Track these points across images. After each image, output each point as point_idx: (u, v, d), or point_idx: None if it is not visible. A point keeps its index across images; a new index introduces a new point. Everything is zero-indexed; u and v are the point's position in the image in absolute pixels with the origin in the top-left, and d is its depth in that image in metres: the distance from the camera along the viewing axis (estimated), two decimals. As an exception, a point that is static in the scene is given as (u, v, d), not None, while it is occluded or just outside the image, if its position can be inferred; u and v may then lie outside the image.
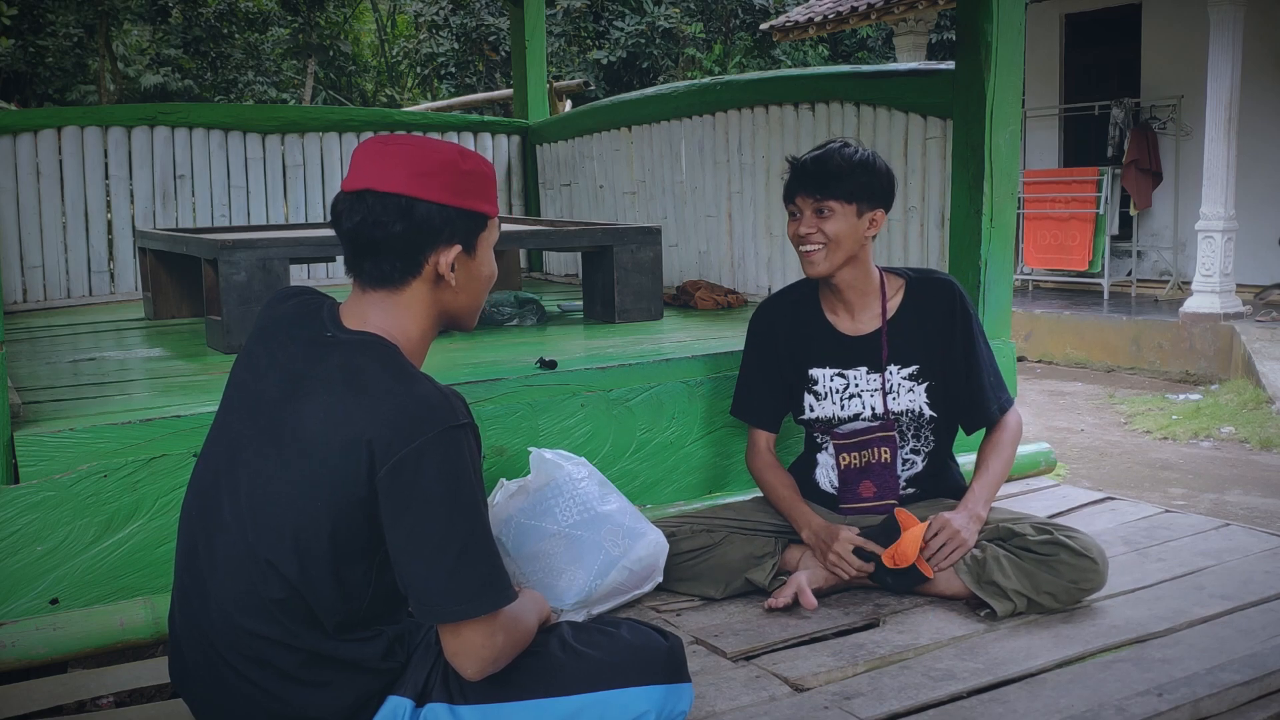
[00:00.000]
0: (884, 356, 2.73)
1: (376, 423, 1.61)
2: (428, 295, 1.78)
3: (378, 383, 1.66)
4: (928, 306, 2.75)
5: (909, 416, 2.74)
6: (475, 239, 1.79)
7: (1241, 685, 2.12)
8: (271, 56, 19.98)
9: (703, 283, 4.57)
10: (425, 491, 1.61)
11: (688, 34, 17.47)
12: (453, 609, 1.63)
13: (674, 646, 1.86)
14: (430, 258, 1.75)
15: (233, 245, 3.37)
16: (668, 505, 3.04)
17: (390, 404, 1.63)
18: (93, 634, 2.33)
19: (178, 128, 5.29)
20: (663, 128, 5.18)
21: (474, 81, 18.42)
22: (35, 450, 2.35)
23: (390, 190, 1.71)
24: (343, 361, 1.70)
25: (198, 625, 1.74)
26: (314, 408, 1.67)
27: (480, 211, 1.79)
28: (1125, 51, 11.36)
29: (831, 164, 2.63)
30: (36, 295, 4.99)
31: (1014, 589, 2.48)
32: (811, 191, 2.64)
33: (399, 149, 1.74)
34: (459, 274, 1.78)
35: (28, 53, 17.56)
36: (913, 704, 2.06)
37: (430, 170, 1.73)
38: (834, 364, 2.77)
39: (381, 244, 1.73)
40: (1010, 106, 3.48)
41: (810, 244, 2.65)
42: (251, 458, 1.71)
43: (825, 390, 2.77)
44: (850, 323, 2.77)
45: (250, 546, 1.68)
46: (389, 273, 1.75)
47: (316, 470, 1.64)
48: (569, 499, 2.50)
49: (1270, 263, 10.28)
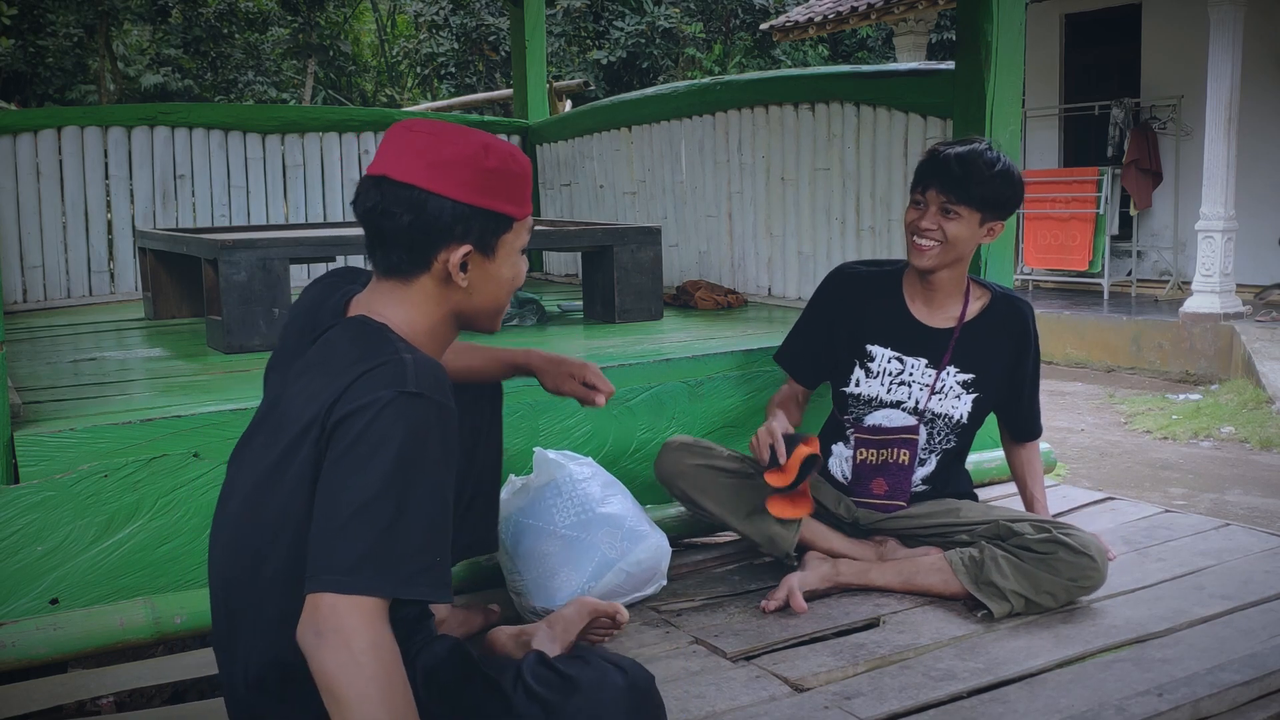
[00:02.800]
0: (948, 356, 2.75)
1: (335, 390, 1.54)
2: (436, 293, 1.69)
3: (343, 356, 1.60)
4: (1007, 323, 2.78)
5: (944, 420, 2.77)
6: (493, 240, 1.69)
7: (1241, 685, 2.12)
8: (271, 56, 19.97)
9: (703, 283, 4.57)
10: (354, 453, 1.48)
11: (688, 34, 17.47)
12: (320, 569, 1.44)
13: (634, 682, 1.73)
14: (439, 255, 1.66)
15: (233, 245, 3.37)
16: (668, 505, 3.03)
17: (348, 372, 1.55)
18: (93, 634, 2.33)
19: (178, 128, 5.29)
20: (663, 128, 5.18)
21: (474, 81, 18.42)
22: (35, 450, 2.35)
23: (405, 180, 1.64)
24: (326, 339, 1.67)
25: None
26: (296, 389, 1.64)
27: (501, 212, 1.68)
28: (1125, 51, 11.36)
29: (974, 169, 2.61)
30: (37, 295, 4.99)
31: (1012, 589, 2.48)
32: (946, 189, 2.63)
33: (421, 137, 1.67)
34: (472, 275, 1.69)
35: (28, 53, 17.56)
36: (913, 704, 2.06)
37: (448, 163, 1.64)
38: (897, 346, 2.78)
39: (390, 234, 1.66)
40: (1010, 106, 3.48)
41: (928, 238, 2.66)
42: (257, 442, 1.69)
43: (879, 369, 2.79)
44: (927, 314, 2.78)
45: (241, 533, 1.65)
46: (397, 264, 1.68)
47: (290, 450, 1.58)
48: (567, 499, 2.50)
49: (1270, 263, 10.28)
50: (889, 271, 2.85)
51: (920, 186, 2.67)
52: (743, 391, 3.21)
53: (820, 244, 4.35)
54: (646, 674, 1.78)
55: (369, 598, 1.43)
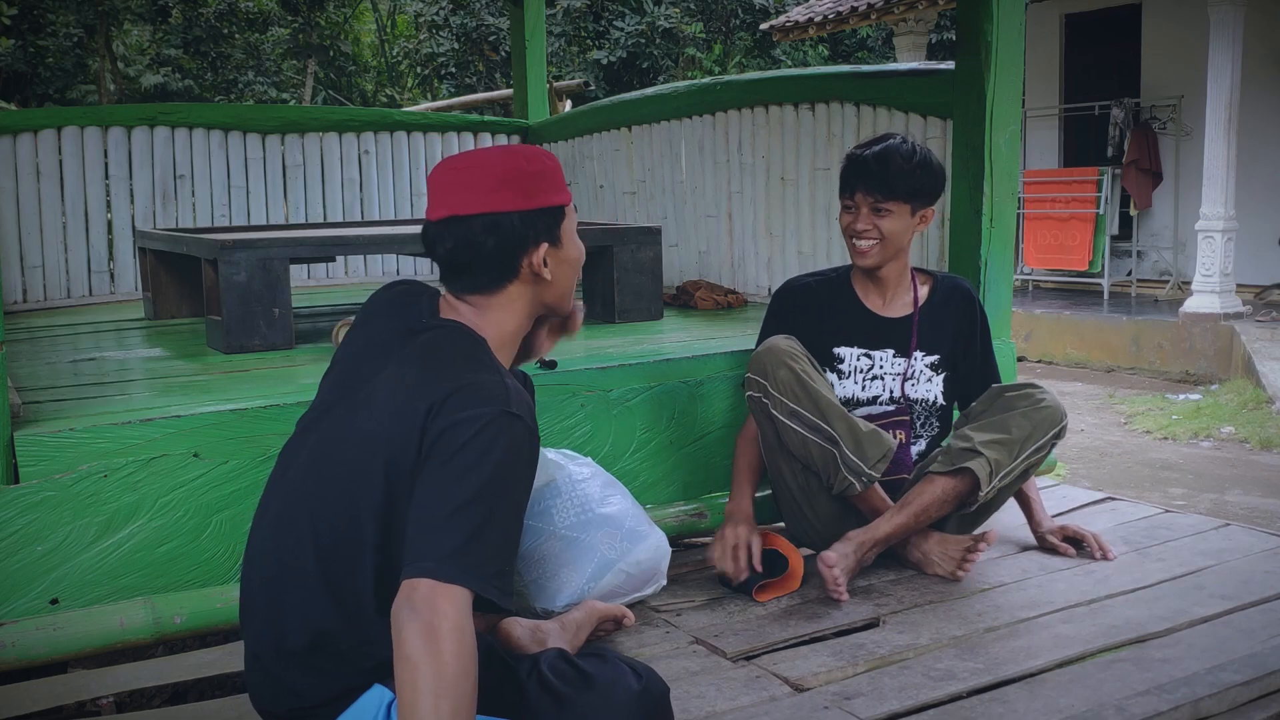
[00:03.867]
0: (914, 340, 2.87)
1: (437, 392, 1.67)
2: (526, 292, 1.89)
3: (449, 361, 1.74)
4: (953, 302, 2.93)
5: (923, 405, 2.89)
6: (558, 230, 1.89)
7: (1241, 685, 2.12)
8: (271, 56, 19.98)
9: (703, 282, 4.57)
10: (459, 459, 1.62)
11: (688, 34, 17.47)
12: (417, 558, 1.57)
13: (649, 687, 1.80)
14: (524, 261, 1.86)
15: (233, 245, 3.37)
16: (668, 505, 3.04)
17: (453, 379, 1.69)
18: (93, 634, 2.33)
19: (178, 128, 5.29)
20: (663, 128, 5.18)
21: (474, 81, 18.41)
22: (35, 450, 2.34)
23: (473, 212, 1.83)
24: (426, 341, 1.80)
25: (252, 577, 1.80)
26: (388, 378, 1.76)
27: (556, 205, 1.89)
28: (1125, 51, 11.36)
29: (893, 165, 2.72)
30: (36, 295, 4.99)
31: (983, 441, 2.63)
32: (872, 190, 2.74)
33: (468, 172, 1.85)
34: (552, 267, 1.89)
35: (28, 53, 17.56)
36: (913, 704, 2.06)
37: (502, 183, 1.83)
38: (862, 344, 2.88)
39: (478, 261, 1.84)
40: (1010, 106, 3.47)
41: (865, 239, 2.78)
42: (326, 424, 1.81)
43: (850, 369, 2.88)
44: (882, 305, 2.90)
45: (303, 498, 1.76)
46: (486, 282, 1.86)
47: (375, 431, 1.71)
48: (567, 500, 2.50)
49: (1270, 262, 10.28)
50: (834, 277, 2.97)
51: (848, 191, 2.79)
52: (742, 391, 3.20)
53: (820, 244, 4.35)
54: (662, 683, 1.84)
55: (458, 587, 1.55)
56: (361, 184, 5.72)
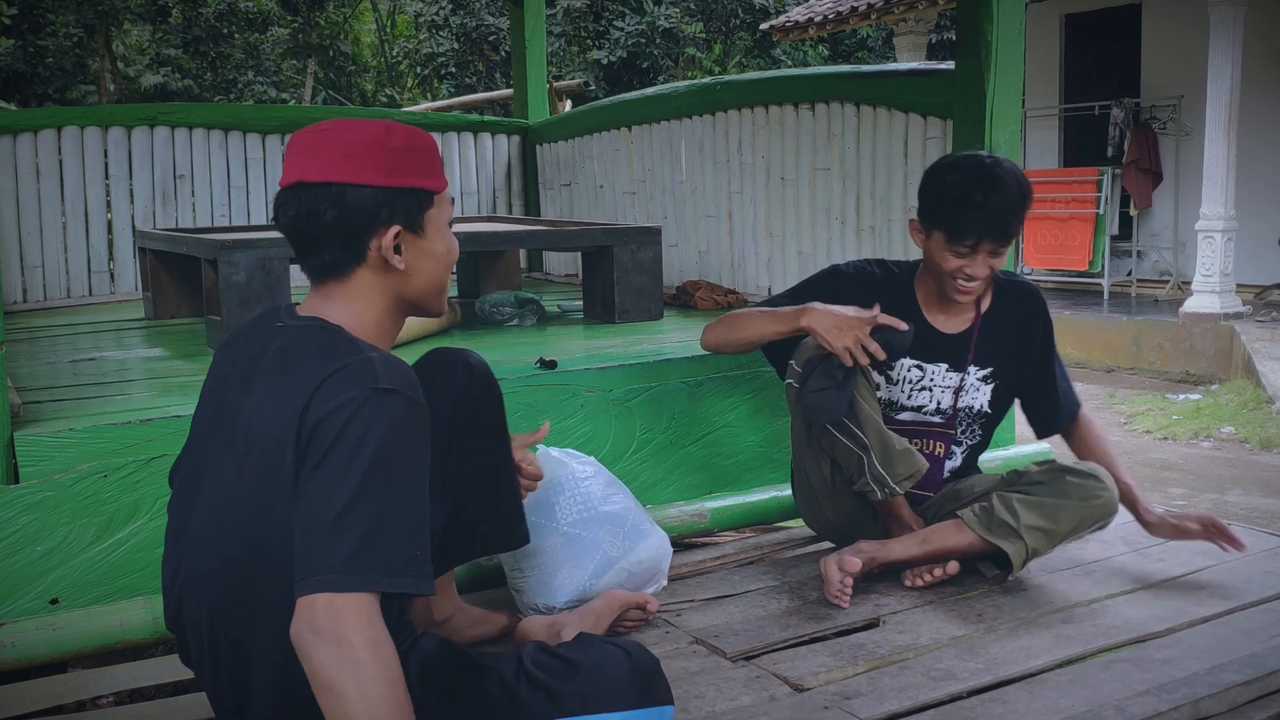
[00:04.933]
0: (970, 357, 2.75)
1: (302, 393, 1.54)
2: (377, 282, 1.71)
3: (306, 358, 1.60)
4: (1016, 310, 2.78)
5: (967, 412, 2.78)
6: (419, 217, 1.71)
7: (1241, 685, 2.12)
8: (271, 56, 19.97)
9: (703, 283, 4.57)
10: (335, 454, 1.49)
11: (688, 34, 17.47)
12: (311, 569, 1.44)
13: (638, 663, 1.75)
14: (371, 242, 1.68)
15: (232, 245, 3.37)
16: (668, 505, 3.04)
17: (316, 374, 1.56)
18: (92, 634, 2.33)
19: (178, 128, 5.29)
20: (663, 128, 5.18)
21: (474, 81, 18.42)
22: (35, 450, 2.35)
23: (320, 179, 1.66)
24: (281, 347, 1.65)
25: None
26: (255, 399, 1.62)
27: (420, 188, 1.71)
28: (1125, 51, 11.36)
29: (1012, 212, 2.57)
30: (36, 295, 4.99)
31: (1026, 525, 2.48)
32: (999, 240, 2.59)
33: (324, 135, 1.69)
34: (407, 255, 1.70)
35: (27, 53, 17.56)
36: (912, 704, 2.06)
37: (357, 152, 1.66)
38: (916, 355, 2.74)
39: (319, 235, 1.67)
40: (1010, 106, 3.48)
41: (976, 282, 2.63)
42: (215, 475, 1.66)
43: (899, 378, 2.76)
44: (944, 320, 2.76)
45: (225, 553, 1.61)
46: (332, 263, 1.69)
47: (267, 460, 1.56)
48: (570, 497, 2.50)
49: (1270, 263, 10.28)
50: (899, 275, 2.80)
51: (969, 241, 2.58)
52: (742, 391, 3.21)
53: (820, 244, 4.35)
54: (650, 656, 1.79)
55: (363, 594, 1.44)
56: (361, 184, 5.70)
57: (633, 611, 2.41)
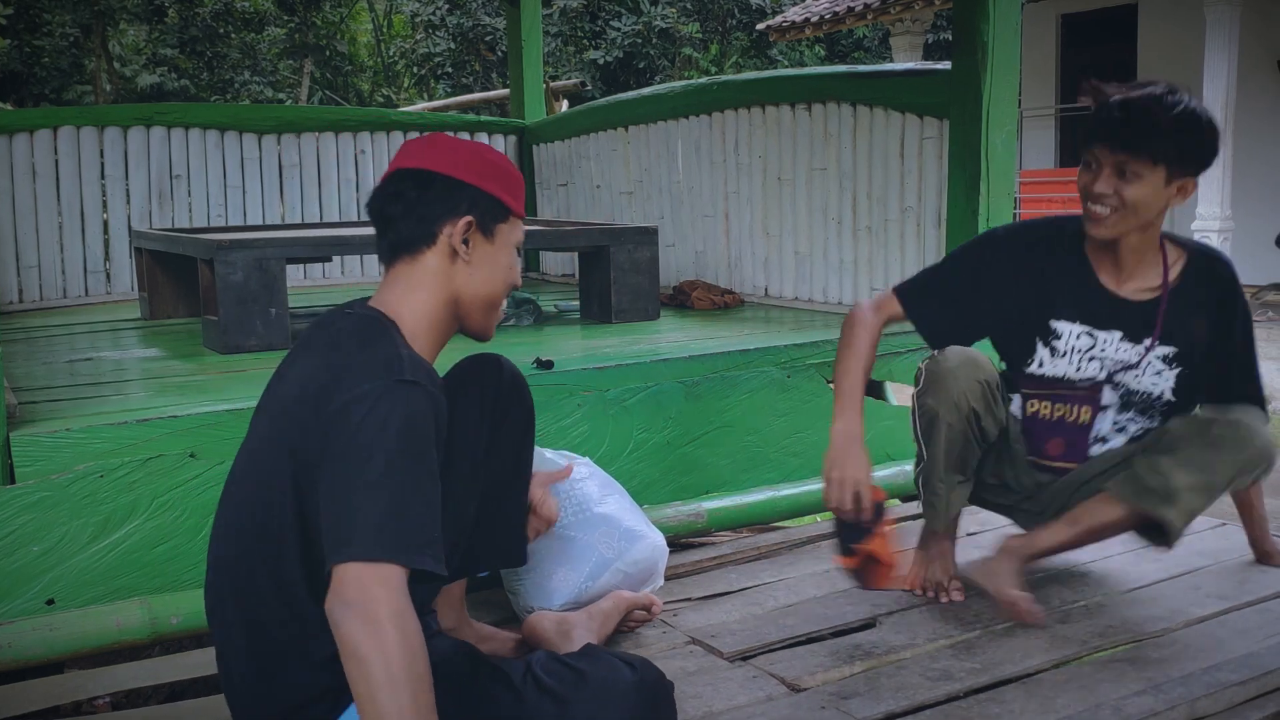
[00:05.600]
0: (1156, 332, 2.41)
1: (330, 374, 1.65)
2: (442, 269, 1.81)
3: (345, 342, 1.71)
4: (1209, 282, 2.44)
5: (1143, 398, 2.46)
6: (493, 224, 1.84)
7: (1238, 685, 2.12)
8: (268, 56, 19.97)
9: (699, 283, 4.57)
10: (359, 439, 1.57)
11: (684, 34, 17.47)
12: (337, 545, 1.53)
13: (644, 677, 1.79)
14: (444, 227, 1.79)
15: (229, 245, 3.37)
16: (665, 505, 3.03)
17: (345, 358, 1.66)
18: (89, 634, 2.32)
19: (174, 128, 5.28)
20: (659, 128, 5.18)
21: (470, 81, 18.41)
22: (31, 450, 2.34)
23: (414, 166, 1.82)
24: (333, 330, 1.76)
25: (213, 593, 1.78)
26: (295, 372, 1.74)
27: (499, 197, 1.83)
28: (1121, 51, 11.37)
29: (1150, 117, 2.25)
30: (33, 295, 4.98)
31: (1180, 486, 2.26)
32: (1118, 147, 2.26)
33: (432, 138, 1.86)
34: (474, 252, 1.81)
35: (23, 53, 17.55)
36: (909, 704, 2.06)
37: (453, 151, 1.83)
38: (1087, 320, 2.44)
39: (399, 213, 1.80)
40: (1006, 106, 3.48)
41: (1101, 204, 2.30)
42: (252, 429, 1.80)
43: (1067, 348, 2.46)
44: (1122, 284, 2.44)
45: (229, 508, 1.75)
46: (405, 240, 1.80)
47: (281, 425, 1.68)
48: (565, 499, 2.50)
49: (1267, 263, 10.28)
50: (1069, 230, 2.47)
51: (1089, 143, 2.31)
52: (740, 391, 3.21)
53: (817, 244, 4.35)
54: (656, 671, 1.83)
55: (388, 565, 1.51)
56: (358, 184, 5.71)
57: (638, 612, 2.44)
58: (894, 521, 2.45)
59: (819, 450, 3.32)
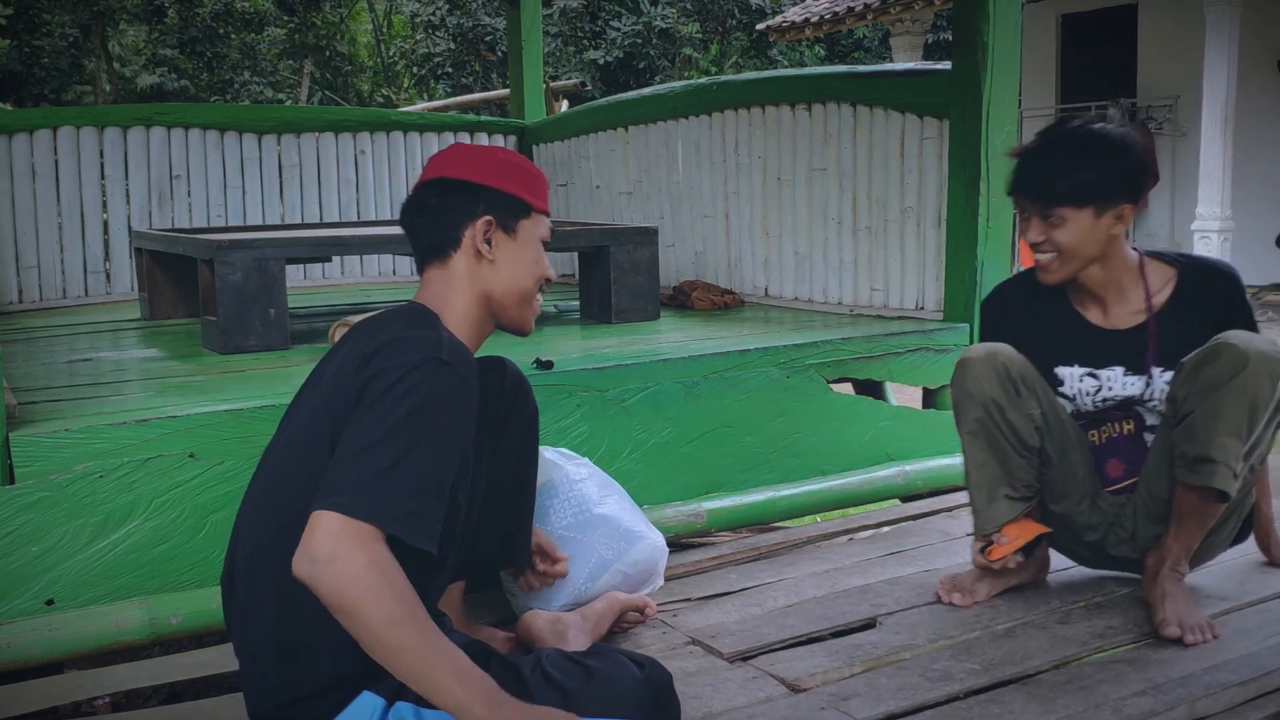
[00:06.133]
0: (1151, 357, 2.40)
1: (370, 346, 1.73)
2: (470, 269, 1.90)
3: (393, 324, 1.80)
4: (1206, 299, 2.40)
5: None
6: (513, 221, 1.93)
7: (1238, 685, 2.12)
8: (268, 57, 19.98)
9: (699, 283, 4.57)
10: (381, 402, 1.65)
11: (684, 34, 17.48)
12: (325, 492, 1.58)
13: (651, 676, 1.81)
14: (466, 229, 1.90)
15: (229, 245, 3.36)
16: (664, 506, 3.03)
17: (389, 334, 1.74)
18: (88, 635, 2.32)
19: (174, 128, 5.28)
20: (659, 128, 5.18)
21: (470, 82, 18.42)
22: (31, 451, 2.34)
23: (433, 177, 1.94)
24: (378, 317, 1.86)
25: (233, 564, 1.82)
26: (341, 353, 1.81)
27: (519, 196, 1.93)
28: (1121, 51, 11.37)
29: (1049, 167, 2.27)
30: (32, 295, 4.98)
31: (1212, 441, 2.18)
32: (1035, 198, 2.31)
33: (453, 148, 1.98)
34: (497, 251, 1.91)
35: (23, 53, 17.56)
36: (909, 705, 2.06)
37: (471, 157, 1.94)
38: (1084, 362, 2.45)
39: (424, 220, 1.92)
40: (1007, 106, 3.48)
41: (1041, 252, 2.35)
42: (291, 412, 1.87)
43: (1074, 391, 2.48)
44: (1104, 316, 2.45)
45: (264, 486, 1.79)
46: (434, 246, 1.91)
47: (320, 402, 1.76)
48: (564, 500, 2.50)
49: (1267, 263, 10.29)
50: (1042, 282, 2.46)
51: (1013, 199, 2.39)
52: (739, 391, 3.21)
53: (817, 244, 4.35)
54: (664, 671, 1.85)
55: (362, 523, 1.55)
56: (358, 184, 5.71)
57: (632, 613, 2.44)
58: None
59: (819, 450, 3.35)
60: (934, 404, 3.64)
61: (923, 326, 3.65)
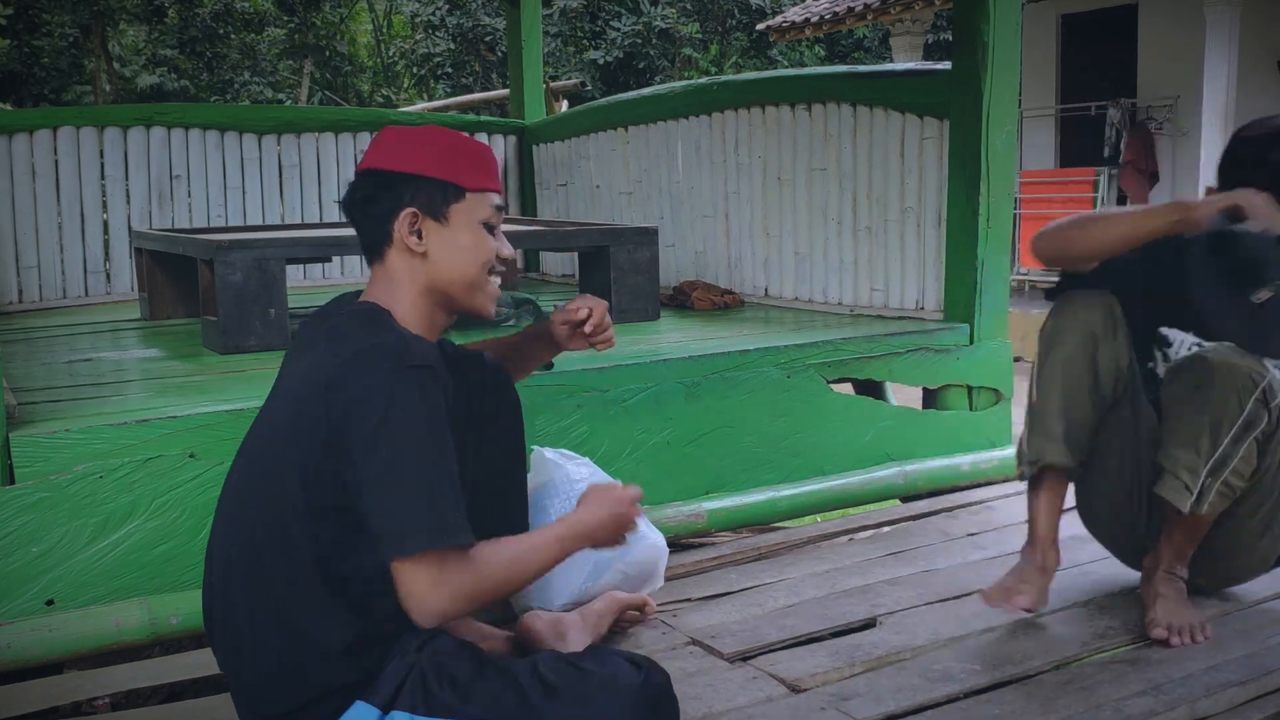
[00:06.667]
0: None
1: (336, 364, 1.70)
2: (405, 264, 1.84)
3: (345, 334, 1.76)
4: None
5: None
6: (443, 208, 1.84)
7: (1238, 686, 2.12)
8: (268, 57, 19.98)
9: (699, 283, 4.56)
10: (381, 435, 1.65)
11: (684, 34, 17.48)
12: (386, 547, 1.63)
13: (649, 678, 1.78)
14: (394, 222, 1.82)
15: (229, 245, 3.36)
16: (665, 506, 3.03)
17: (351, 349, 1.71)
18: (88, 635, 2.32)
19: (174, 128, 5.28)
20: (659, 128, 5.18)
21: (470, 82, 18.41)
22: (31, 451, 2.34)
23: (366, 167, 1.86)
24: (332, 324, 1.82)
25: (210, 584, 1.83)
26: (302, 366, 1.79)
27: (448, 180, 1.84)
28: (1121, 51, 11.36)
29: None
30: (32, 296, 4.98)
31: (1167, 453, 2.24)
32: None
33: (382, 136, 1.89)
34: (429, 241, 1.83)
35: (23, 53, 17.56)
36: (909, 705, 2.06)
37: (401, 144, 1.85)
38: (1200, 331, 2.41)
39: (357, 219, 1.86)
40: (1007, 106, 3.48)
41: None
42: (255, 423, 1.86)
43: (1172, 356, 2.44)
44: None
45: (234, 499, 1.81)
46: (370, 244, 1.86)
47: (289, 416, 1.74)
48: (565, 500, 2.50)
49: (1266, 263, 10.28)
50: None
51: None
52: (740, 392, 3.20)
53: (817, 244, 4.35)
54: (662, 672, 1.83)
55: (419, 559, 1.62)
56: (358, 184, 5.70)
57: (631, 612, 2.44)
58: None
59: (819, 450, 3.35)
60: (934, 404, 3.64)
61: (923, 326, 3.65)
